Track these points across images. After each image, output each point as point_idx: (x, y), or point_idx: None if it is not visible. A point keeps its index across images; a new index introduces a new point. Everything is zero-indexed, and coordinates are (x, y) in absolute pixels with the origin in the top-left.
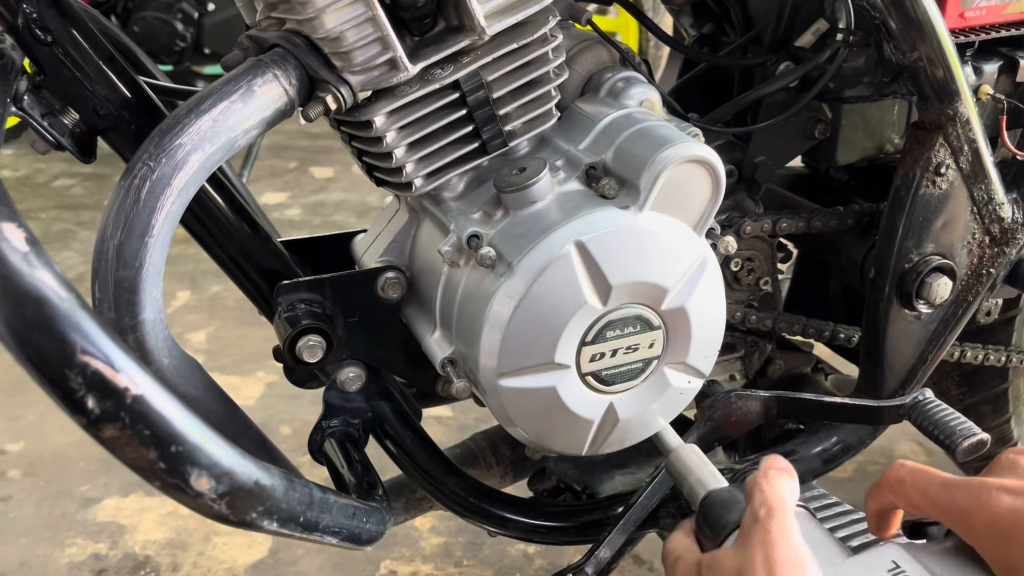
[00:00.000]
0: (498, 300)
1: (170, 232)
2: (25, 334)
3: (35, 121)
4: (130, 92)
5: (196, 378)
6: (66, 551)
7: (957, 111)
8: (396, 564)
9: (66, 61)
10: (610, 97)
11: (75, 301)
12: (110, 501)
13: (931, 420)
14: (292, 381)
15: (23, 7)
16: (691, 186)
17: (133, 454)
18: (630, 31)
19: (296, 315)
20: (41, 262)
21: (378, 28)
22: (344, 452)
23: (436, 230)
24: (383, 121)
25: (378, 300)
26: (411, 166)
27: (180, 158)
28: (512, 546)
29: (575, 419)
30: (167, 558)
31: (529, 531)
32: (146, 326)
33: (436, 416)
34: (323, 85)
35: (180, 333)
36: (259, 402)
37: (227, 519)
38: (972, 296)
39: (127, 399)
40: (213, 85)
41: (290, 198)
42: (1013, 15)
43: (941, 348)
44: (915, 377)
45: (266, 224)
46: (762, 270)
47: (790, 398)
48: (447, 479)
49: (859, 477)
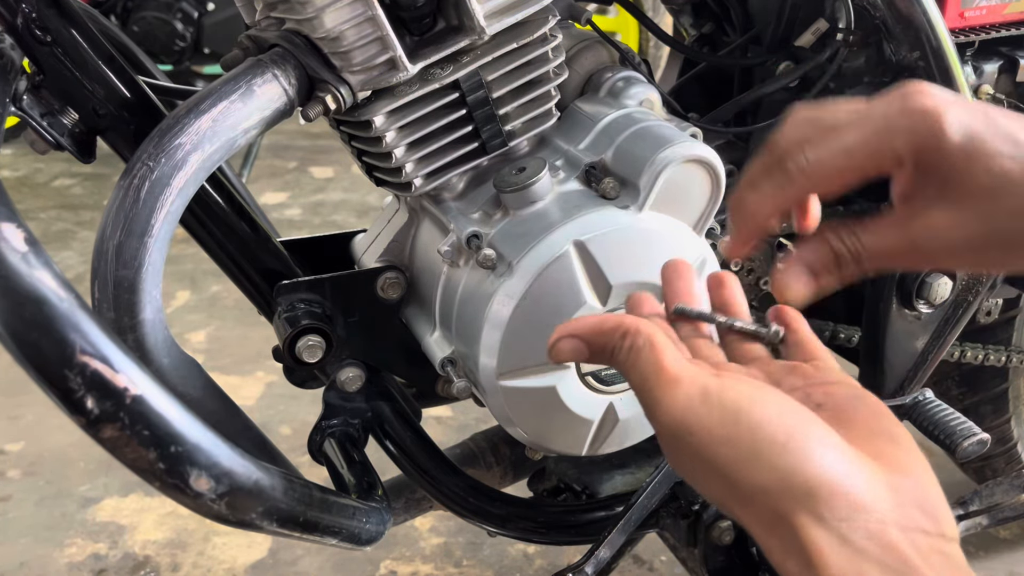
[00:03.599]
0: (498, 300)
1: (170, 232)
2: (24, 334)
3: (34, 121)
4: (129, 92)
5: (196, 378)
6: (66, 551)
7: None
8: (396, 564)
9: (65, 61)
10: (610, 97)
11: (74, 301)
12: (110, 501)
13: (931, 420)
14: (292, 381)
15: (23, 7)
16: (691, 186)
17: (132, 454)
18: (630, 31)
19: (296, 315)
20: (40, 262)
21: (377, 28)
22: (344, 452)
23: (436, 230)
24: (383, 121)
25: (378, 300)
26: (411, 166)
27: (180, 158)
28: (512, 546)
29: (575, 419)
30: (167, 558)
31: (529, 531)
32: (145, 326)
33: (436, 416)
34: (322, 85)
35: (180, 333)
36: (259, 402)
37: (226, 519)
38: (972, 296)
39: (126, 399)
40: (212, 85)
41: (290, 198)
42: (1013, 15)
43: (941, 348)
44: (915, 377)
45: (266, 224)
46: (762, 270)
47: None
48: (447, 479)
49: None
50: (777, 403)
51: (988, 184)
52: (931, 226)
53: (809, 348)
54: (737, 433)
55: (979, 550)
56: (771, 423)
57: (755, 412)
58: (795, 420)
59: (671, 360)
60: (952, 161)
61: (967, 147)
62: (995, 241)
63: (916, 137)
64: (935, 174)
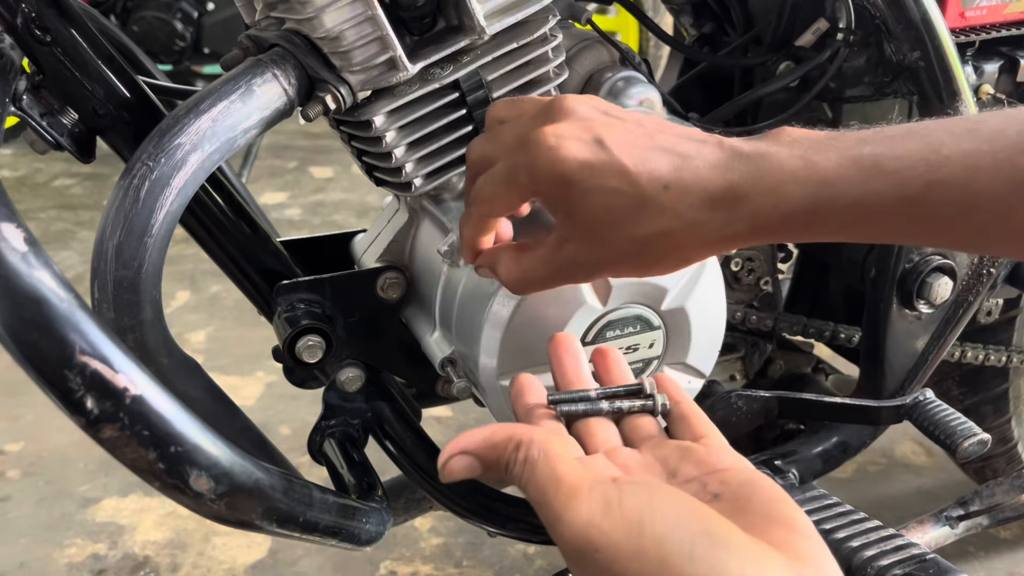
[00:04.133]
0: (498, 300)
1: (169, 232)
2: (24, 334)
3: (34, 121)
4: (129, 92)
5: (195, 378)
6: (65, 551)
7: (958, 111)
8: (396, 564)
9: (65, 61)
10: (610, 97)
11: (74, 301)
12: (109, 501)
13: (932, 420)
14: (292, 381)
15: (22, 6)
16: None
17: (132, 454)
18: (630, 31)
19: (296, 315)
20: (40, 262)
21: (377, 27)
22: (344, 452)
23: (436, 230)
24: (383, 121)
25: (378, 300)
26: (411, 166)
27: (179, 158)
28: (512, 546)
29: None
30: (166, 558)
31: (529, 531)
32: (145, 326)
33: (436, 416)
34: (322, 85)
35: (179, 333)
36: (258, 402)
37: (226, 519)
38: (973, 296)
39: (126, 399)
40: (212, 85)
41: (290, 198)
42: (1014, 15)
43: (942, 348)
44: (916, 377)
45: (266, 224)
46: (762, 270)
47: (790, 398)
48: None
49: (859, 477)
50: (676, 510)
51: (604, 218)
52: (570, 255)
53: (695, 425)
54: (642, 547)
55: (979, 550)
56: (674, 534)
57: (657, 524)
58: (697, 526)
59: (567, 470)
60: (568, 195)
61: (579, 182)
62: (624, 260)
63: (534, 173)
64: (559, 206)
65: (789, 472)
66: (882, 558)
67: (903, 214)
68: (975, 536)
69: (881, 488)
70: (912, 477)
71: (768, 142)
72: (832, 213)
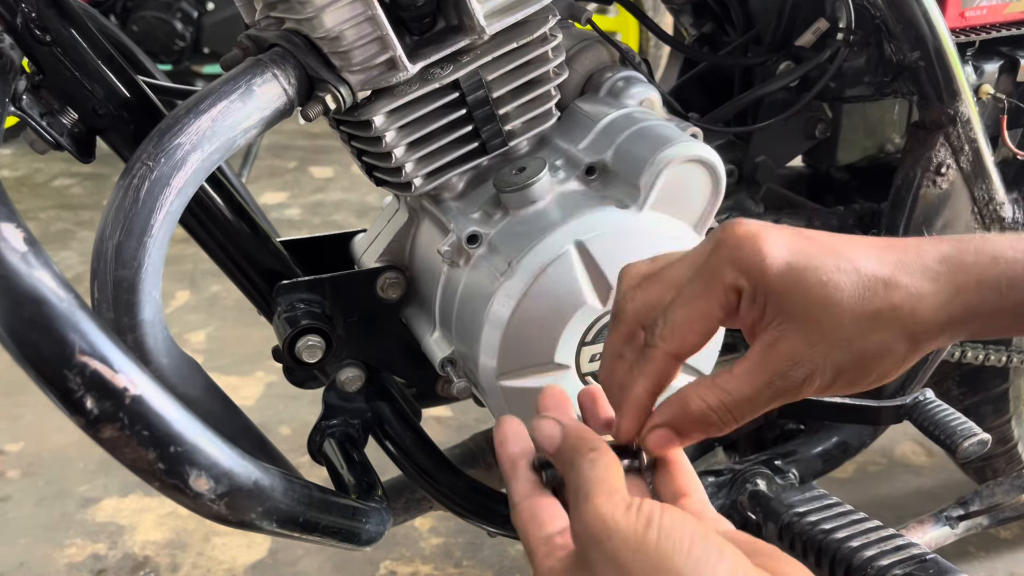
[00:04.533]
0: (498, 300)
1: (169, 232)
2: (24, 334)
3: (34, 121)
4: (129, 92)
5: (195, 378)
6: (65, 551)
7: (958, 111)
8: (396, 564)
9: (65, 61)
10: (610, 96)
11: (74, 301)
12: (109, 501)
13: (932, 420)
14: (291, 381)
15: (22, 6)
16: (691, 186)
17: (132, 454)
18: (630, 30)
19: (295, 315)
20: (40, 262)
21: (377, 27)
22: (343, 452)
23: (436, 230)
24: (382, 121)
25: (378, 300)
26: (411, 166)
27: (179, 158)
28: (512, 546)
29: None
30: (166, 558)
31: None
32: (145, 326)
33: (436, 416)
34: (322, 85)
35: (179, 333)
36: (258, 402)
37: (226, 519)
38: None
39: (126, 399)
40: (212, 85)
41: (290, 198)
42: (1014, 15)
43: (942, 348)
44: (915, 377)
45: (265, 224)
46: None
47: None
48: (447, 479)
49: (859, 477)
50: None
51: (821, 295)
52: (786, 353)
53: (679, 482)
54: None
55: (979, 550)
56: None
57: (664, 522)
58: (697, 530)
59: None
60: (781, 280)
61: (792, 263)
62: (849, 352)
63: (740, 264)
64: (771, 298)
65: (789, 472)
66: (882, 558)
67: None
68: (975, 536)
69: (881, 488)
70: (912, 477)
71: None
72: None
